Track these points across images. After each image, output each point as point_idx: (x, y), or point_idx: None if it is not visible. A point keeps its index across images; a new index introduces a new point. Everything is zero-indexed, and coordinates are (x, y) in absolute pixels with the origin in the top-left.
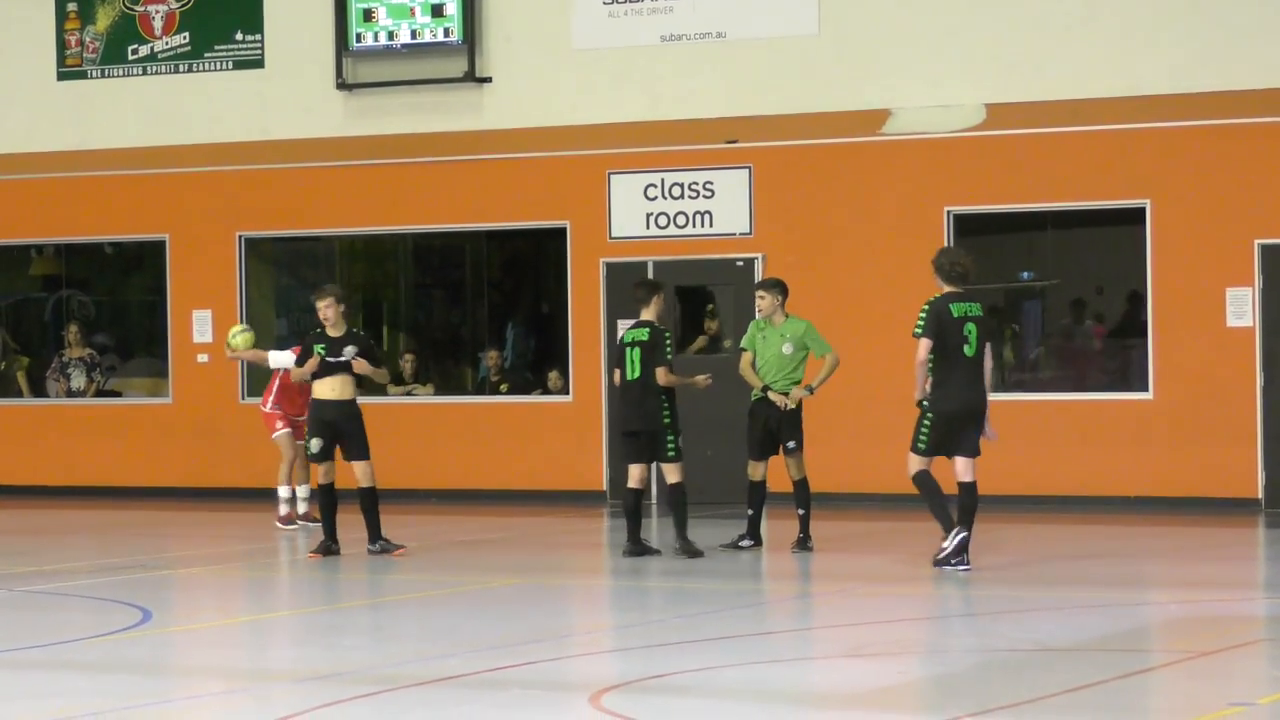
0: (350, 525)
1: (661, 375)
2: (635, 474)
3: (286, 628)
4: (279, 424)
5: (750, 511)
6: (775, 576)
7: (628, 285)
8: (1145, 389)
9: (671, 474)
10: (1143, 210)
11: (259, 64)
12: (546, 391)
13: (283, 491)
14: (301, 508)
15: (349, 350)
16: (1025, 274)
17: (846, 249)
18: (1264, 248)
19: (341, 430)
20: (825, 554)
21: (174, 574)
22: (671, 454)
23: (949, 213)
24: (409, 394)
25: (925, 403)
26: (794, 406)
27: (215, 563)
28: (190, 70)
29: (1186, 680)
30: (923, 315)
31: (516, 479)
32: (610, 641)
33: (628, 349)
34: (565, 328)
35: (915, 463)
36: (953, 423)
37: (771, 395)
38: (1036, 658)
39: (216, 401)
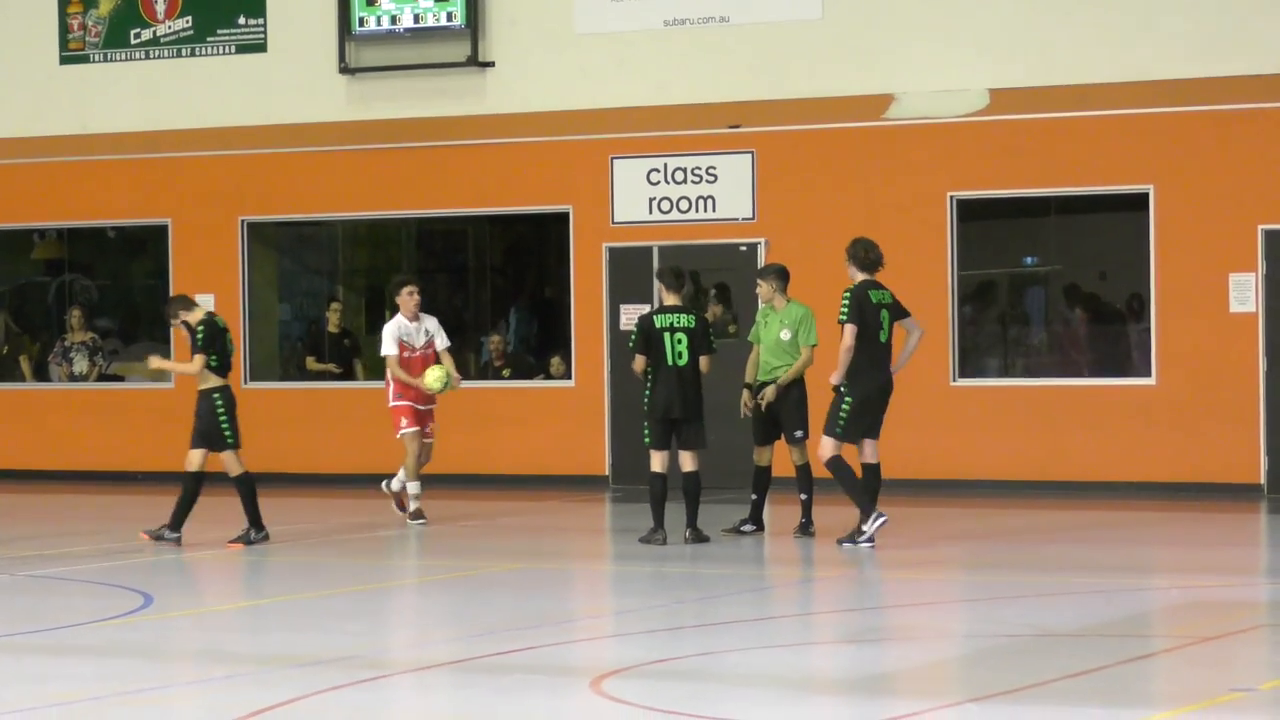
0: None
1: (706, 363)
2: (662, 460)
3: (288, 612)
4: (404, 420)
5: (754, 496)
6: (777, 562)
7: (630, 270)
8: (1148, 374)
9: (695, 462)
10: (1146, 196)
11: (261, 48)
12: (549, 376)
13: (412, 488)
14: (413, 505)
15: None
16: (1028, 259)
17: (849, 234)
18: (1267, 233)
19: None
20: (827, 539)
21: (175, 558)
22: (704, 443)
23: (952, 198)
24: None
25: (843, 387)
26: (769, 401)
27: (216, 547)
28: (193, 54)
29: (1187, 666)
30: (845, 302)
31: (519, 463)
32: (612, 626)
33: (667, 335)
34: (568, 312)
35: (830, 446)
36: (869, 404)
37: (744, 397)
38: (1037, 643)
39: None
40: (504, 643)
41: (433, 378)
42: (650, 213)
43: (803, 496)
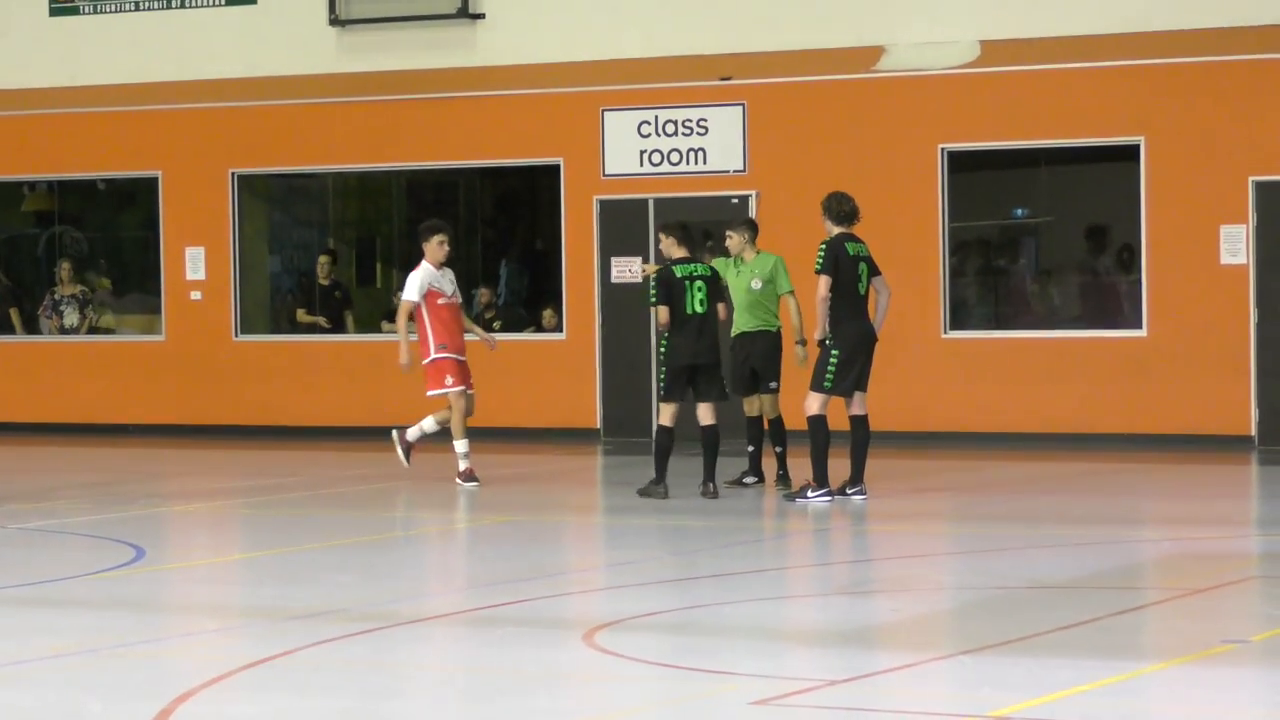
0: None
1: (724, 311)
2: (672, 414)
3: (280, 565)
4: (450, 379)
5: (750, 448)
6: (770, 514)
7: (621, 223)
8: (1139, 326)
9: (713, 415)
10: (1137, 147)
11: (251, 0)
12: (540, 329)
13: (460, 446)
14: (463, 464)
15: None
16: (1019, 211)
17: (840, 186)
18: (1258, 185)
19: None
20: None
21: (167, 511)
22: (724, 394)
23: (943, 150)
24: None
25: (829, 341)
26: (804, 359)
27: (209, 500)
28: (183, 6)
29: (1180, 617)
30: (821, 253)
31: (510, 416)
32: (604, 579)
33: (688, 283)
34: (559, 265)
35: (817, 402)
36: (856, 357)
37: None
38: (1030, 595)
39: (210, 339)
40: (496, 595)
41: None
42: (641, 165)
43: (778, 449)
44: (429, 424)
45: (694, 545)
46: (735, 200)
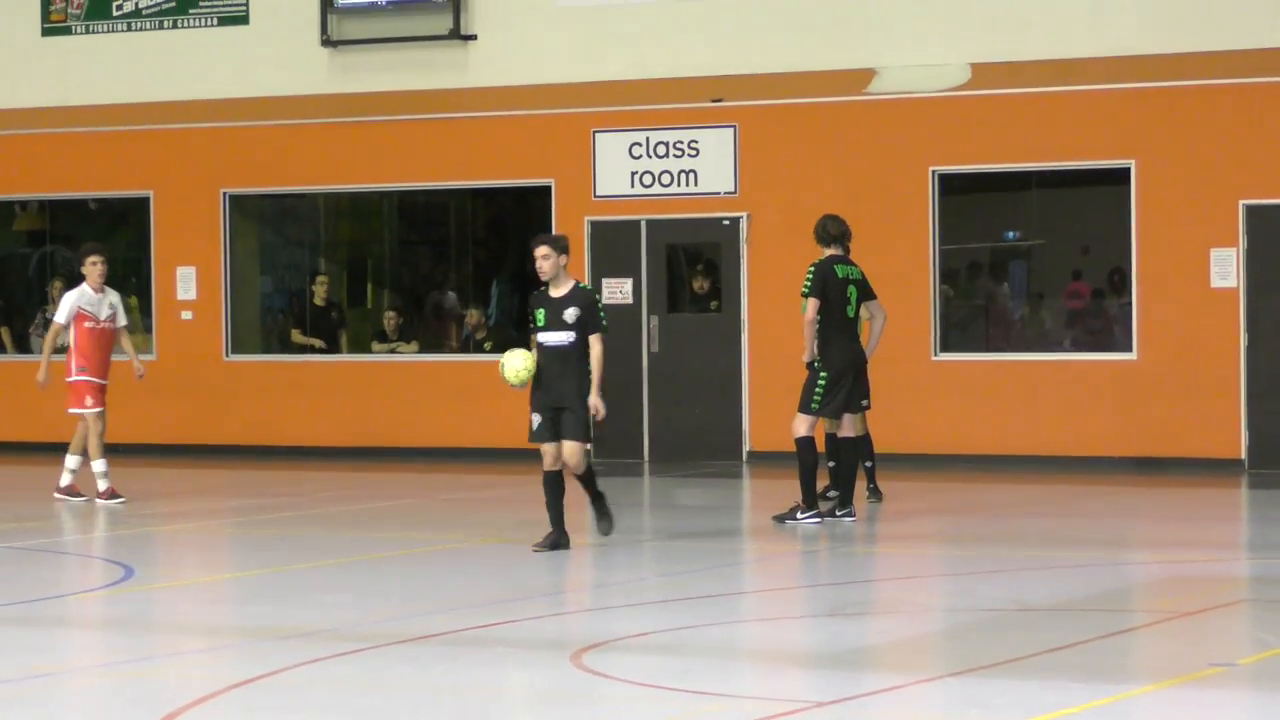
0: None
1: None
2: (811, 423)
3: (269, 585)
4: (90, 399)
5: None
6: (759, 536)
7: (612, 243)
8: (1129, 349)
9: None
10: (1128, 171)
11: (244, 20)
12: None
13: (99, 466)
14: (104, 483)
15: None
16: (1010, 234)
17: (831, 208)
18: (1248, 208)
19: None
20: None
21: (157, 531)
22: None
23: (934, 172)
24: (393, 351)
25: (816, 363)
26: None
27: (198, 519)
28: (175, 26)
29: (1168, 640)
30: (810, 276)
31: (502, 438)
32: (593, 600)
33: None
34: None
35: (805, 424)
36: (843, 379)
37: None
38: (1018, 617)
39: (201, 358)
40: (485, 616)
41: (514, 370)
42: (632, 186)
43: (867, 465)
44: (71, 462)
45: (682, 566)
46: (726, 222)
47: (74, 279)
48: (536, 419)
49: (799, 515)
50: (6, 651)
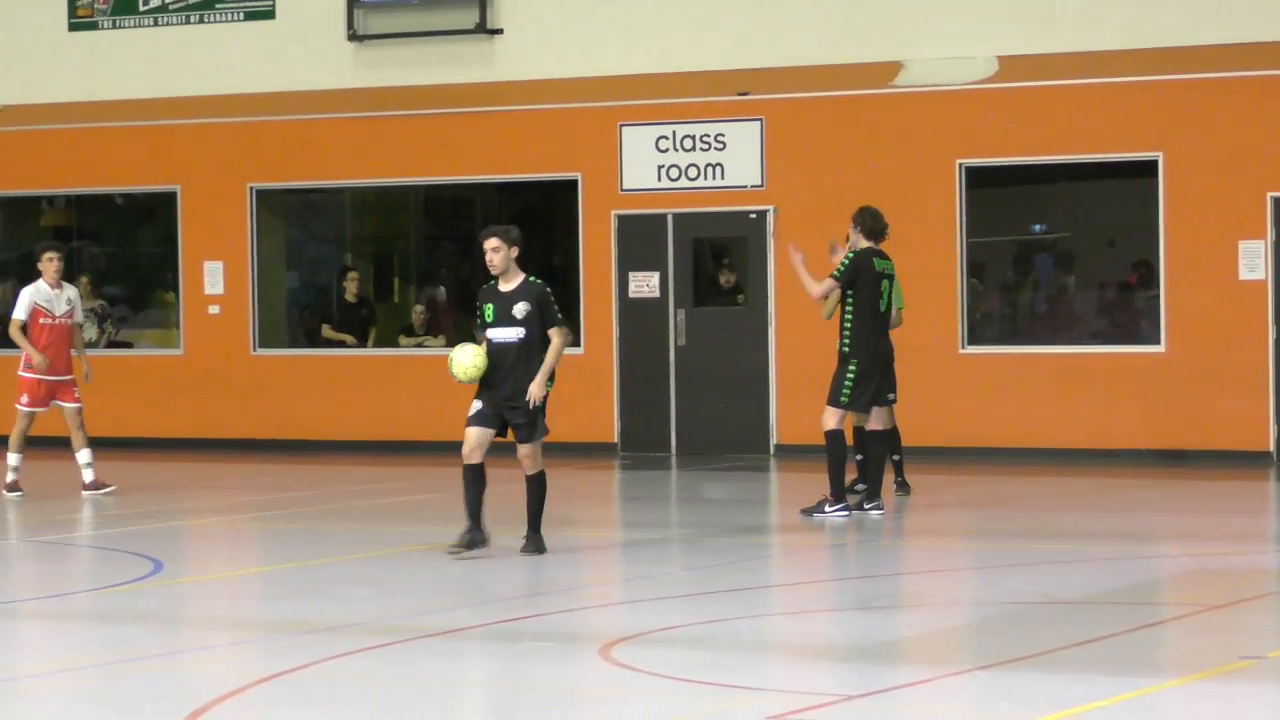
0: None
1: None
2: (841, 417)
3: (296, 579)
4: (26, 398)
5: (859, 457)
6: (786, 529)
7: (639, 237)
8: (1157, 342)
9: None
10: (1155, 163)
11: (270, 15)
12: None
13: (12, 460)
14: (88, 475)
15: None
16: (1037, 227)
17: (858, 202)
18: (1277, 200)
19: None
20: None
21: (185, 525)
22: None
23: (960, 165)
24: (419, 346)
25: (846, 350)
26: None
27: (226, 513)
28: (201, 21)
29: (1196, 634)
30: (844, 263)
31: None
32: (621, 594)
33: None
34: (577, 279)
35: (834, 417)
36: (873, 372)
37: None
38: (1046, 611)
39: (227, 353)
40: (513, 610)
41: (463, 367)
42: (659, 180)
43: (894, 458)
44: (83, 457)
45: (710, 560)
46: (753, 215)
47: (102, 276)
48: (478, 404)
49: (827, 508)
50: (36, 646)
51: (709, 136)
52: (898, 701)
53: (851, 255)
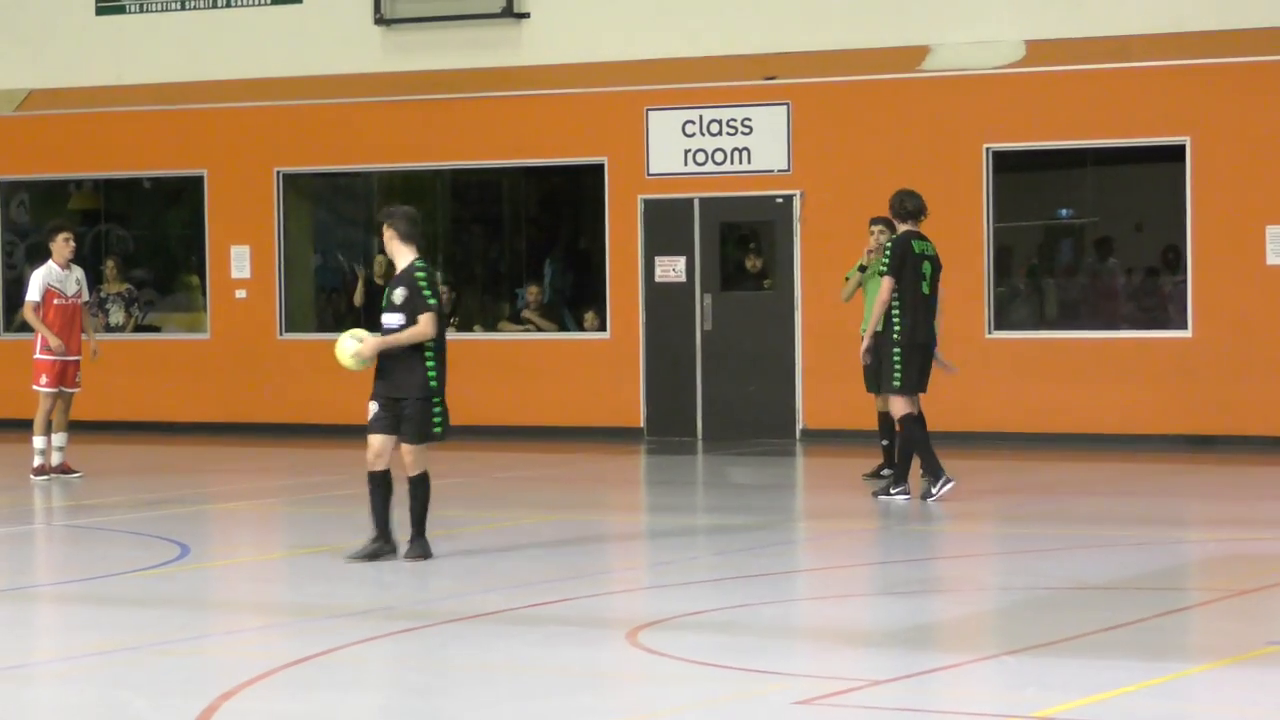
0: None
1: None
2: (914, 402)
3: (324, 563)
4: (45, 378)
5: (884, 442)
6: (813, 514)
7: (665, 222)
8: (1184, 327)
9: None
10: (1183, 147)
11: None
12: (580, 328)
13: (38, 442)
14: (56, 458)
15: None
16: (1064, 211)
17: (885, 186)
18: None
19: None
20: (861, 491)
21: (212, 509)
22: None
23: (988, 149)
24: (448, 328)
25: (895, 335)
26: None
27: (253, 498)
28: (228, 5)
29: (1225, 619)
30: (887, 252)
31: (553, 415)
32: (648, 578)
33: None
34: (603, 264)
35: (903, 404)
36: (918, 354)
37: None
38: (1074, 596)
39: (254, 337)
40: (540, 594)
41: (345, 352)
42: (685, 164)
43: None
44: (57, 440)
45: (737, 545)
46: (779, 200)
47: (129, 259)
48: (373, 407)
49: (934, 489)
50: (64, 629)
51: (735, 121)
52: (926, 686)
53: (893, 241)
